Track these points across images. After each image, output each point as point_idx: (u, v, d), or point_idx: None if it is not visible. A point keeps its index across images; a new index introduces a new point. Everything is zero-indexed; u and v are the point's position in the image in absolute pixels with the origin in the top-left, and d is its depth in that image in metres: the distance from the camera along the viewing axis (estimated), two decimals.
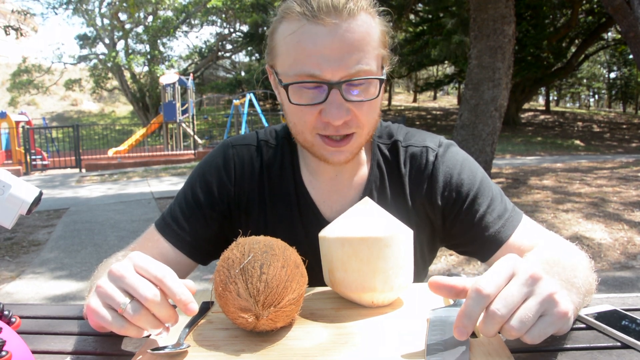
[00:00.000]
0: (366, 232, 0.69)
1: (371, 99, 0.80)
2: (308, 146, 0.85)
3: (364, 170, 0.94)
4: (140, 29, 24.12)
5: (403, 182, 0.93)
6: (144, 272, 0.59)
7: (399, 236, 0.71)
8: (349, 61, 0.75)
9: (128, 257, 0.61)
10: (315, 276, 0.78)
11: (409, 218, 0.92)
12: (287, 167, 0.94)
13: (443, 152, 0.93)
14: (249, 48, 25.60)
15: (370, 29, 0.77)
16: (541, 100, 34.67)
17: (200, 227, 0.93)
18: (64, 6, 21.57)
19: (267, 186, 0.94)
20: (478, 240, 0.88)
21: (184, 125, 18.18)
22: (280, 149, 0.96)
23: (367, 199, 0.80)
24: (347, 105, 0.78)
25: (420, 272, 1.00)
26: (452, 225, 0.91)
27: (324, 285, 0.80)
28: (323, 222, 0.90)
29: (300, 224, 0.93)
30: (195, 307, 0.58)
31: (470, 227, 0.89)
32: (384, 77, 0.81)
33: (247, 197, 0.94)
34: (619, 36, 22.67)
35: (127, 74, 23.94)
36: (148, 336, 0.65)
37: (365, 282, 0.70)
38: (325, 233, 0.75)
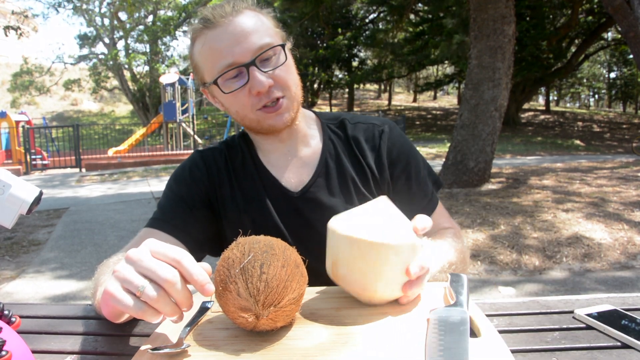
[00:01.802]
0: (377, 237, 0.67)
1: (282, 64, 0.94)
2: (254, 125, 0.98)
3: (316, 144, 1.07)
4: (140, 29, 24.11)
5: (354, 150, 1.06)
6: (160, 256, 0.59)
7: (410, 244, 0.69)
8: (250, 41, 0.91)
9: (143, 243, 0.62)
10: (296, 238, 0.88)
11: (367, 178, 1.04)
12: (247, 156, 1.07)
13: (388, 128, 1.09)
14: None
15: (259, 18, 0.95)
16: (541, 100, 34.68)
17: (187, 216, 1.00)
18: (65, 4, 21.57)
19: (234, 176, 1.06)
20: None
21: (184, 125, 18.17)
22: (239, 145, 1.10)
23: (384, 197, 0.78)
24: (266, 75, 0.92)
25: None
26: (396, 181, 1.07)
27: (324, 285, 0.81)
28: (287, 192, 1.02)
29: (268, 200, 1.02)
30: (212, 288, 0.59)
31: (408, 200, 1.05)
32: (283, 43, 0.96)
33: (219, 188, 1.05)
34: (619, 36, 22.67)
35: (127, 74, 23.95)
36: (149, 335, 0.65)
37: (367, 284, 0.69)
38: (335, 226, 0.72)
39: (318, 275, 0.81)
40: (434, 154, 12.82)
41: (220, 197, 1.05)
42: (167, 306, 0.57)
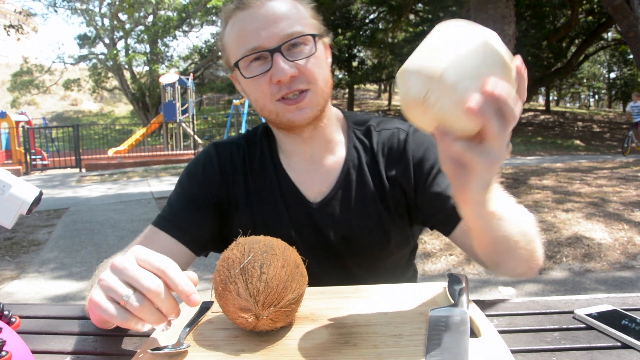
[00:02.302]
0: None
1: (310, 55, 0.88)
2: (273, 117, 0.92)
3: (341, 152, 1.01)
4: (140, 29, 24.12)
5: (377, 162, 1.00)
6: (146, 264, 0.59)
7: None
8: (280, 27, 0.86)
9: (130, 250, 0.61)
10: (306, 247, 0.83)
11: (385, 193, 0.98)
12: (267, 155, 1.01)
13: (413, 132, 1.01)
14: None
15: (294, 6, 0.90)
16: (541, 100, 34.66)
17: (195, 217, 0.97)
18: (65, 3, 21.57)
19: (250, 175, 1.00)
20: (443, 210, 0.92)
21: (184, 125, 18.17)
22: (260, 141, 1.04)
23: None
24: (291, 64, 0.87)
25: (404, 248, 1.03)
26: (421, 194, 0.97)
27: (323, 285, 0.81)
28: (305, 202, 0.97)
29: (284, 206, 0.98)
30: (197, 298, 0.58)
31: (436, 196, 0.94)
32: (317, 34, 0.90)
33: (233, 187, 1.00)
34: (619, 36, 22.68)
35: (127, 74, 23.95)
36: (149, 335, 0.65)
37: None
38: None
39: (323, 281, 0.81)
40: None
41: (233, 197, 1.00)
42: (152, 315, 0.57)
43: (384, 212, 0.98)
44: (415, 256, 1.13)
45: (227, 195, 1.00)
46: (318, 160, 0.99)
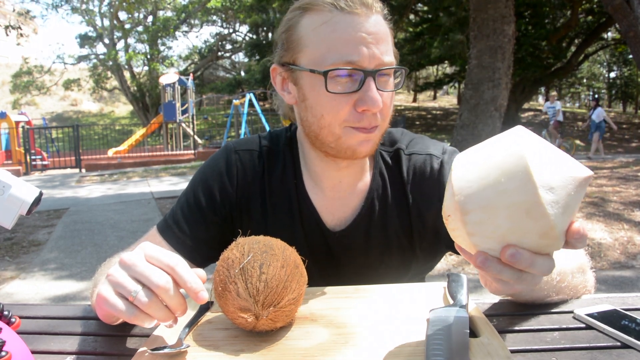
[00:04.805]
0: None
1: (397, 89, 0.82)
2: (329, 140, 0.82)
3: (366, 178, 0.93)
4: (140, 29, 24.13)
5: (405, 191, 0.91)
6: (155, 261, 0.59)
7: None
8: (382, 51, 0.77)
9: (139, 246, 0.61)
10: (315, 277, 0.78)
11: (411, 226, 0.91)
12: (289, 173, 0.93)
13: (448, 159, 0.92)
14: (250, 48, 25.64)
15: (388, 30, 0.81)
16: (541, 100, 34.66)
17: (201, 230, 0.92)
18: (64, 4, 21.57)
19: (269, 192, 0.93)
20: None
21: (183, 125, 18.17)
22: (282, 155, 0.95)
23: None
24: (380, 94, 0.78)
25: (421, 275, 0.99)
26: None
27: (323, 285, 0.80)
28: (324, 230, 0.90)
29: (302, 231, 0.91)
30: (205, 295, 0.58)
31: None
32: (406, 68, 0.83)
33: (248, 202, 0.93)
34: (619, 36, 22.66)
35: (127, 74, 23.96)
36: (148, 335, 0.65)
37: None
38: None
39: None
40: None
41: (246, 212, 0.93)
42: (160, 312, 0.57)
43: (407, 248, 0.92)
44: None
45: (240, 210, 0.93)
46: (345, 187, 0.92)
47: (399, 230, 0.91)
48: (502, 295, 0.60)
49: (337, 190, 0.92)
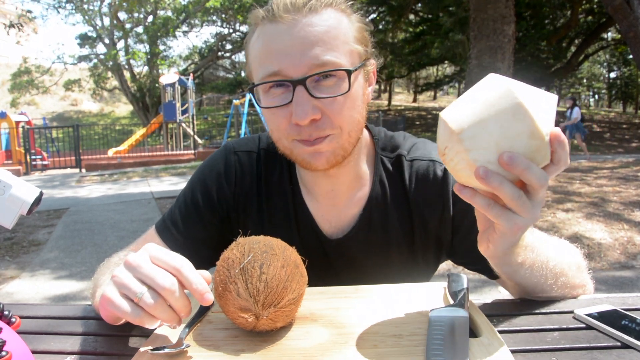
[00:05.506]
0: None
1: (340, 95, 0.74)
2: (288, 153, 0.81)
3: (365, 187, 0.90)
4: (140, 29, 24.14)
5: (407, 198, 0.89)
6: (160, 263, 0.59)
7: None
8: (310, 56, 0.71)
9: (143, 247, 0.61)
10: (315, 277, 0.77)
11: (413, 235, 0.89)
12: (285, 178, 0.92)
13: None
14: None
15: (338, 24, 0.74)
16: None
17: (199, 231, 0.92)
18: (64, 4, 21.58)
19: (266, 195, 0.92)
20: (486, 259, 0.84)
21: (184, 125, 18.18)
22: (279, 159, 0.92)
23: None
24: (315, 102, 0.73)
25: (423, 280, 0.99)
26: (461, 241, 0.87)
27: (323, 285, 0.80)
28: (321, 236, 0.90)
29: (298, 236, 0.90)
30: (211, 297, 0.58)
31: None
32: (351, 68, 0.74)
33: (246, 204, 0.93)
34: (619, 36, 22.66)
35: (127, 74, 23.97)
36: (148, 335, 0.65)
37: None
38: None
39: None
40: None
41: (243, 210, 0.93)
42: (165, 313, 0.57)
43: (408, 258, 0.90)
44: None
45: (237, 211, 0.93)
46: (339, 195, 0.89)
47: (400, 239, 0.89)
48: (504, 248, 0.61)
49: (331, 198, 0.90)
